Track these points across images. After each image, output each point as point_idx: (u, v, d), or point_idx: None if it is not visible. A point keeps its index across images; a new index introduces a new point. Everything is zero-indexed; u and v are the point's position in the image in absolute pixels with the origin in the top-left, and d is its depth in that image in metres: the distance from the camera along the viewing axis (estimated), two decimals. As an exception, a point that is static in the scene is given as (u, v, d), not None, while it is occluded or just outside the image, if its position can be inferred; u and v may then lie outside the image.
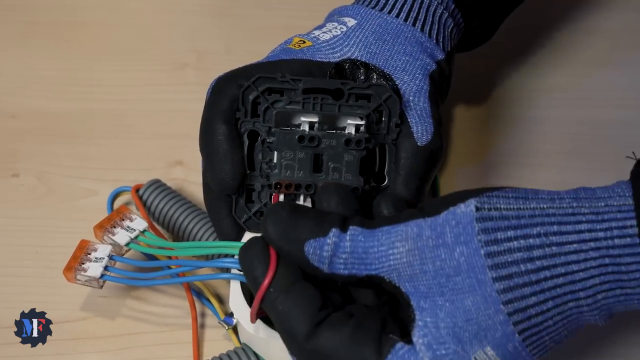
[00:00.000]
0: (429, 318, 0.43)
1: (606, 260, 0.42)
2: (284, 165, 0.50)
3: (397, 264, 0.44)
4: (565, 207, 0.43)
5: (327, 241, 0.44)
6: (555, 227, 0.42)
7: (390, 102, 0.51)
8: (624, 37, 0.74)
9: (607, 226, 0.42)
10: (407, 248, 0.44)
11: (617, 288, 0.42)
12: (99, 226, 0.54)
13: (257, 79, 0.51)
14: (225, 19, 0.75)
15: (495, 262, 0.42)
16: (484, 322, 0.42)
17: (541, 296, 0.42)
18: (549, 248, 0.42)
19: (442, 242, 0.43)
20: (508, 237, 0.43)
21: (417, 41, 0.55)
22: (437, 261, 0.43)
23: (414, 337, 0.43)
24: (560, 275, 0.42)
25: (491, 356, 0.43)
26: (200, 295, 0.56)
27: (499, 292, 0.42)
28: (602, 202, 0.43)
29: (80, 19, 0.74)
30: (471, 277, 0.43)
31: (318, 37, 0.55)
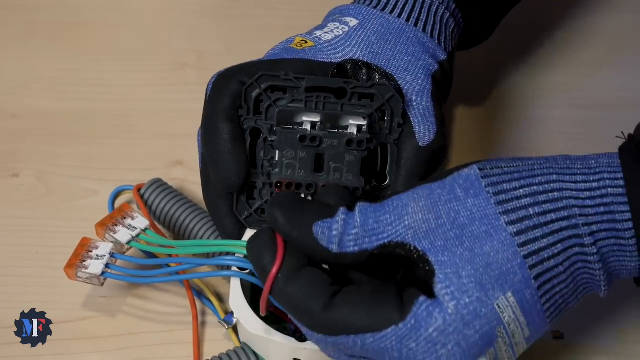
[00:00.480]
0: (450, 269, 0.44)
1: (601, 208, 0.44)
2: (285, 164, 0.50)
3: (413, 222, 0.45)
4: (560, 163, 0.46)
5: (336, 219, 0.45)
6: (555, 177, 0.45)
7: (393, 101, 0.51)
8: (625, 37, 0.74)
9: (600, 177, 0.45)
10: (421, 205, 0.45)
11: (612, 237, 0.44)
12: (101, 224, 0.54)
13: (260, 77, 0.51)
14: (225, 19, 0.75)
15: (505, 209, 0.45)
16: (504, 265, 0.44)
17: (551, 238, 0.44)
18: (552, 194, 0.45)
19: (454, 197, 0.45)
20: (514, 187, 0.45)
21: (419, 41, 0.55)
22: (452, 213, 0.45)
23: (435, 289, 0.44)
24: (564, 218, 0.44)
25: (512, 303, 0.44)
26: (201, 294, 0.56)
27: (513, 234, 0.44)
28: (592, 160, 0.46)
29: (81, 19, 0.74)
30: (486, 224, 0.44)
31: (320, 37, 0.55)
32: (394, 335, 0.43)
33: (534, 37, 0.74)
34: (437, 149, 0.53)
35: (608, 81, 0.71)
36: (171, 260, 0.54)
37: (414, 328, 0.43)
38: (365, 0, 0.58)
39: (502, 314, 0.44)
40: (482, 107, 0.69)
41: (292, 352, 0.50)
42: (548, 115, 0.69)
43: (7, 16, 0.74)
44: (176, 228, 0.58)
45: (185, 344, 0.54)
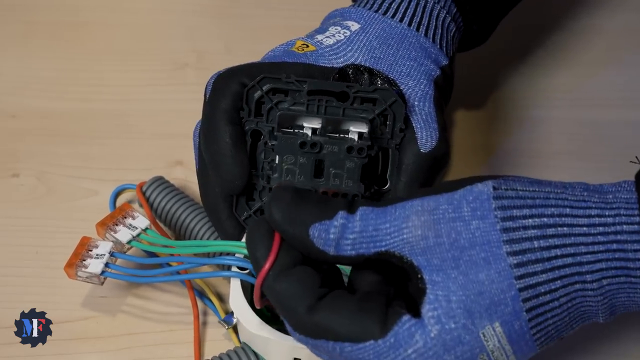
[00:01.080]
0: (441, 292, 0.43)
1: (614, 245, 0.43)
2: (285, 169, 0.50)
3: (411, 237, 0.44)
4: (577, 194, 0.44)
5: (334, 223, 0.44)
6: (568, 210, 0.43)
7: (396, 106, 0.51)
8: (626, 37, 0.74)
9: (616, 213, 0.43)
10: (422, 220, 0.44)
11: (622, 275, 0.43)
12: (101, 223, 0.54)
13: (262, 79, 0.51)
14: (225, 19, 0.75)
15: (510, 237, 0.43)
16: (496, 296, 0.43)
17: (551, 274, 0.43)
18: (561, 228, 0.43)
19: (459, 216, 0.44)
20: (524, 214, 0.44)
21: (421, 46, 0.55)
22: (453, 233, 0.44)
23: (423, 309, 0.43)
24: (569, 255, 0.43)
25: (499, 333, 0.43)
26: (202, 294, 0.56)
27: (512, 266, 0.43)
28: (610, 194, 0.44)
29: (81, 19, 0.74)
30: (486, 251, 0.43)
31: (321, 41, 0.55)
32: (372, 349, 0.43)
33: (535, 38, 0.74)
34: (439, 155, 0.52)
35: (609, 81, 0.71)
36: (171, 259, 0.54)
37: (392, 346, 0.43)
38: (366, 3, 0.57)
39: (486, 342, 0.43)
40: (483, 107, 0.69)
41: (292, 351, 0.50)
42: (549, 116, 0.69)
43: (7, 16, 0.74)
44: (177, 226, 0.58)
45: (186, 344, 0.54)
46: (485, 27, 0.61)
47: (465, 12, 0.58)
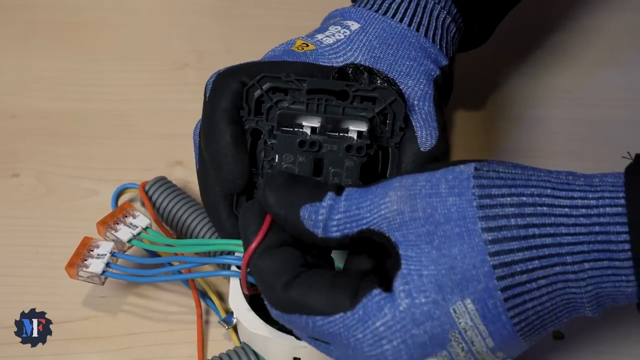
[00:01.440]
0: (414, 266, 0.43)
1: (596, 228, 0.42)
2: (284, 168, 0.50)
3: (388, 212, 0.44)
4: (561, 177, 0.44)
5: (323, 204, 0.45)
6: (549, 191, 0.43)
7: (395, 105, 0.51)
8: (626, 36, 0.74)
9: (600, 195, 0.43)
10: (399, 195, 0.44)
11: (605, 259, 0.42)
12: (102, 222, 0.54)
13: (261, 78, 0.51)
14: (225, 19, 0.75)
15: (486, 214, 0.43)
16: (468, 271, 0.42)
17: (527, 253, 0.42)
18: (541, 207, 0.43)
19: (436, 192, 0.44)
20: (502, 193, 0.43)
21: (421, 47, 0.55)
22: (428, 208, 0.44)
23: (395, 284, 0.43)
24: (548, 235, 0.42)
25: (470, 310, 0.43)
26: (202, 294, 0.56)
27: (487, 242, 0.42)
28: (596, 179, 0.44)
29: (81, 19, 0.74)
30: (461, 226, 0.43)
31: (321, 41, 0.55)
32: (341, 322, 0.43)
33: (535, 38, 0.74)
34: (438, 154, 0.52)
35: (609, 81, 0.71)
36: (172, 259, 0.54)
37: (361, 319, 0.43)
38: (367, 3, 0.57)
39: (457, 319, 0.43)
40: (484, 107, 0.69)
41: (292, 351, 0.50)
42: (549, 115, 0.69)
43: (7, 16, 0.74)
44: (179, 226, 0.58)
45: (187, 344, 0.54)
46: (485, 28, 0.61)
47: (465, 13, 0.58)
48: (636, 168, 0.44)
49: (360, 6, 0.57)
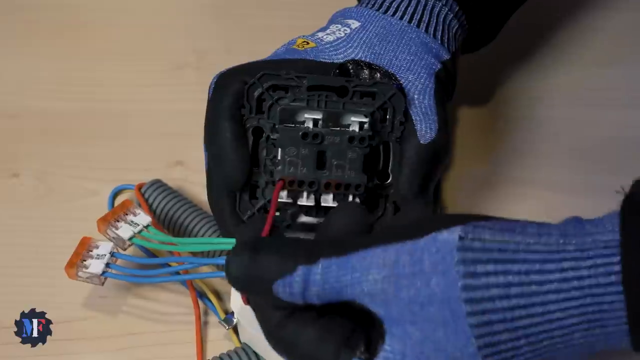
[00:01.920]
0: (397, 345, 0.42)
1: (588, 299, 0.40)
2: (287, 161, 0.50)
3: (372, 289, 0.42)
4: (551, 243, 0.41)
5: (296, 279, 0.43)
6: (538, 266, 0.41)
7: (395, 99, 0.51)
8: (628, 36, 0.74)
9: (592, 263, 0.40)
10: (382, 275, 0.42)
11: (597, 327, 0.41)
12: (103, 219, 0.54)
13: (262, 76, 0.51)
14: (225, 19, 0.75)
15: (470, 297, 0.41)
16: (452, 353, 0.41)
17: (514, 334, 0.41)
18: (528, 287, 0.41)
19: (419, 270, 0.42)
20: (487, 271, 0.41)
21: (421, 42, 0.55)
22: (412, 289, 0.42)
23: (377, 358, 0.43)
24: (537, 314, 0.41)
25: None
26: (202, 294, 0.56)
27: (472, 326, 0.41)
28: (589, 237, 0.41)
29: (81, 19, 0.74)
30: (445, 309, 0.41)
31: (322, 38, 0.55)
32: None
33: (536, 37, 0.74)
34: (439, 146, 0.52)
35: (610, 81, 0.71)
36: (172, 259, 0.54)
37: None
38: (368, 3, 0.58)
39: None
40: (485, 107, 0.69)
41: (292, 352, 0.50)
42: (550, 115, 0.69)
43: (7, 16, 0.74)
44: (176, 228, 0.58)
45: (186, 344, 0.54)
46: (489, 26, 0.61)
47: (468, 11, 0.58)
48: (631, 215, 0.41)
49: (362, 6, 0.58)
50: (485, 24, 0.60)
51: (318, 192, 0.50)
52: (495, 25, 0.62)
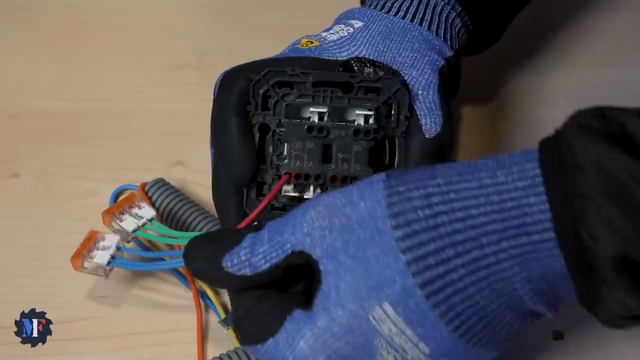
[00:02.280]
0: (332, 279, 0.43)
1: (509, 204, 0.40)
2: (293, 155, 0.51)
3: (310, 229, 0.44)
4: (466, 164, 0.43)
5: (243, 245, 0.45)
6: (455, 177, 0.42)
7: (400, 95, 0.52)
8: (629, 37, 0.74)
9: (509, 171, 0.41)
10: (318, 211, 0.44)
11: (522, 235, 0.40)
12: (108, 212, 0.54)
13: (267, 73, 0.52)
14: (225, 19, 0.75)
15: (394, 211, 0.42)
16: (382, 272, 0.41)
17: (440, 242, 0.41)
18: (447, 195, 0.41)
19: (349, 201, 0.43)
20: (409, 188, 0.42)
21: (424, 39, 0.56)
22: (344, 218, 0.43)
23: (315, 301, 0.43)
24: (458, 219, 0.41)
25: (391, 315, 0.41)
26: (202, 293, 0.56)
27: (398, 239, 0.41)
28: (506, 156, 0.42)
29: (81, 19, 0.74)
30: (372, 227, 0.42)
31: (325, 37, 0.56)
32: (273, 347, 0.44)
33: (538, 38, 0.74)
34: (443, 141, 0.53)
35: (611, 81, 0.71)
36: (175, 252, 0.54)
37: (287, 341, 0.44)
38: (371, 4, 0.58)
39: (379, 326, 0.42)
40: (486, 107, 0.69)
41: (292, 352, 0.50)
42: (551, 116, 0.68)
43: (7, 16, 0.74)
44: (179, 225, 0.58)
45: (186, 344, 0.54)
46: (492, 28, 0.62)
47: (470, 11, 0.58)
48: (550, 139, 0.42)
49: (365, 6, 0.58)
50: (489, 25, 0.61)
51: (324, 185, 0.51)
52: (498, 27, 0.62)
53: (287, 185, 0.50)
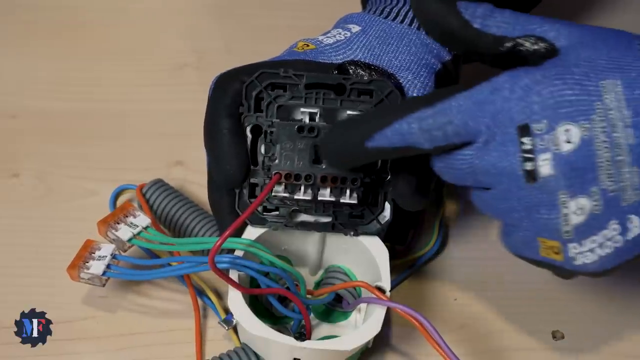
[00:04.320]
0: (572, 51, 0.45)
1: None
2: (284, 155, 0.50)
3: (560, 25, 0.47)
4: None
5: (483, 5, 0.47)
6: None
7: (392, 97, 0.51)
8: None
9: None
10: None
11: None
12: (103, 222, 0.54)
13: (260, 74, 0.51)
14: (225, 19, 0.75)
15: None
16: (622, 58, 0.44)
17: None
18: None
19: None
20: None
21: (422, 43, 0.56)
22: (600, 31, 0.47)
23: (543, 64, 0.45)
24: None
25: (618, 92, 0.44)
26: (202, 294, 0.56)
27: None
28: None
29: (80, 19, 0.74)
30: (621, 35, 0.46)
31: (322, 41, 0.56)
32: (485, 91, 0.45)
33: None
34: None
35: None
36: (171, 259, 0.54)
37: (509, 79, 0.45)
38: (370, 9, 0.58)
39: (604, 93, 0.43)
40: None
41: (291, 351, 0.50)
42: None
43: (7, 16, 0.74)
44: (177, 227, 0.58)
45: (186, 344, 0.54)
46: None
47: None
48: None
49: (364, 12, 0.58)
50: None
51: (315, 186, 0.50)
52: None
53: (278, 186, 0.50)
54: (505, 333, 0.56)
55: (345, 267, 0.56)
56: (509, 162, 0.44)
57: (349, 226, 0.53)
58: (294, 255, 0.56)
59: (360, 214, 0.53)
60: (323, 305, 0.56)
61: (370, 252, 0.53)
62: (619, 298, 0.58)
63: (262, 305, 0.55)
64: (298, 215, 0.53)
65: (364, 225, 0.53)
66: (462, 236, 0.61)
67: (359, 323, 0.55)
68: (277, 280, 0.52)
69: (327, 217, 0.52)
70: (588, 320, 0.57)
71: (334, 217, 0.52)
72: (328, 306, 0.56)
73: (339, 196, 0.51)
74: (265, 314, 0.55)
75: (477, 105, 0.45)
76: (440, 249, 0.60)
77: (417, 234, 0.61)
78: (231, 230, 0.48)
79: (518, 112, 0.44)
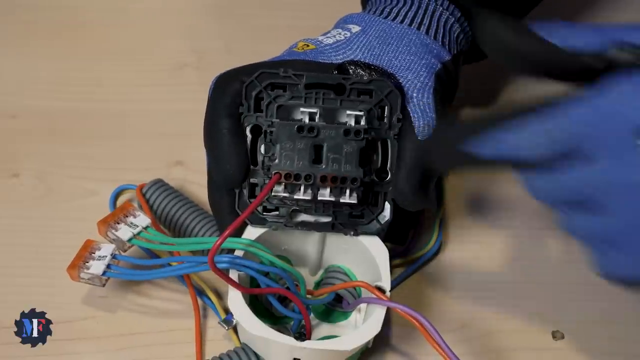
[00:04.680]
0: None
1: None
2: (283, 155, 0.50)
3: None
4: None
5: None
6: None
7: (392, 97, 0.51)
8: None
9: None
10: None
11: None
12: (103, 222, 0.54)
13: (259, 74, 0.51)
14: (225, 19, 0.75)
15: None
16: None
17: None
18: None
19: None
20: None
21: (422, 43, 0.56)
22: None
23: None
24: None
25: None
26: (202, 293, 0.56)
27: None
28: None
29: (80, 19, 0.74)
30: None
31: (322, 41, 0.56)
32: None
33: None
34: None
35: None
36: (171, 259, 0.54)
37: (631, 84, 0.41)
38: (370, 10, 0.58)
39: None
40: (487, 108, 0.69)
41: (291, 352, 0.50)
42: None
43: (7, 16, 0.74)
44: (177, 227, 0.58)
45: (186, 344, 0.54)
46: None
47: (469, 17, 0.58)
48: None
49: (364, 12, 0.58)
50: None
51: (315, 185, 0.50)
52: None
53: (278, 186, 0.50)
54: (505, 333, 0.56)
55: (345, 267, 0.56)
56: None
57: (348, 226, 0.53)
58: (294, 255, 0.56)
59: (360, 214, 0.53)
60: (323, 305, 0.56)
61: (370, 252, 0.53)
62: (618, 298, 0.58)
63: (262, 305, 0.55)
64: (298, 215, 0.53)
65: (363, 225, 0.53)
66: (462, 236, 0.61)
67: (359, 323, 0.55)
68: (277, 280, 0.52)
69: (327, 217, 0.52)
70: (588, 321, 0.57)
71: (334, 217, 0.52)
72: (328, 306, 0.56)
73: (338, 196, 0.50)
74: (265, 314, 0.55)
75: (601, 115, 0.41)
76: (440, 249, 0.60)
77: (417, 234, 0.61)
78: (231, 230, 0.48)
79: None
